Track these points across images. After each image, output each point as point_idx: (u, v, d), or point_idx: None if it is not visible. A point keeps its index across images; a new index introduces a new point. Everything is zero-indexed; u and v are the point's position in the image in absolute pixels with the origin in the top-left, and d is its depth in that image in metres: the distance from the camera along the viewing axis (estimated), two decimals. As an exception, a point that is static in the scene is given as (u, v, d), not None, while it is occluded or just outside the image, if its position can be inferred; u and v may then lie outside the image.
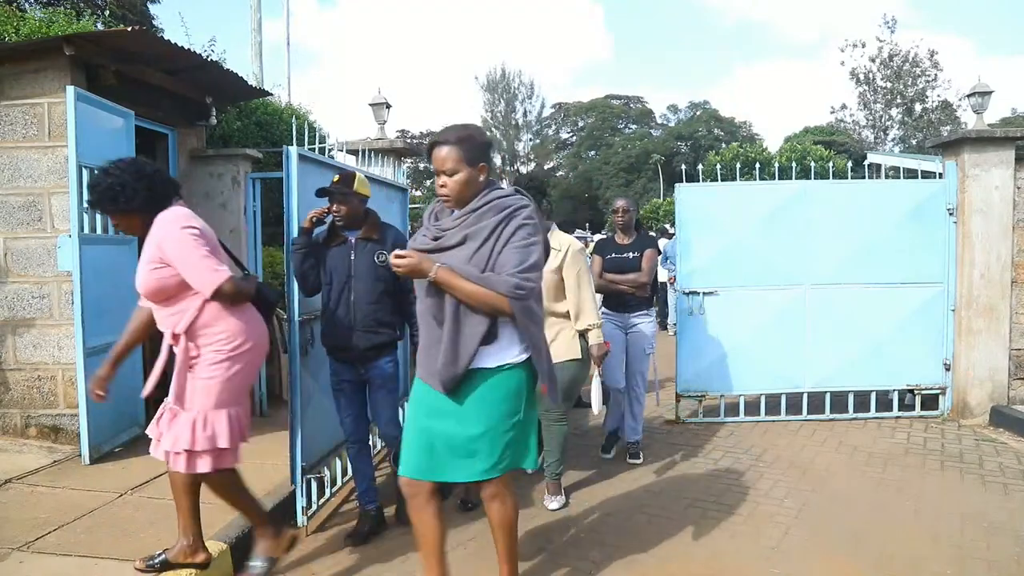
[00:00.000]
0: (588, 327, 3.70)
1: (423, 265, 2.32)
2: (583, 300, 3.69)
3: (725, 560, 3.26)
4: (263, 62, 11.61)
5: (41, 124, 4.36)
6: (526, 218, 2.37)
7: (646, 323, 4.61)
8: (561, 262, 3.65)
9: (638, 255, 4.61)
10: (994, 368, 5.60)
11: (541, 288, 2.43)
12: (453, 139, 2.40)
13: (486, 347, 2.36)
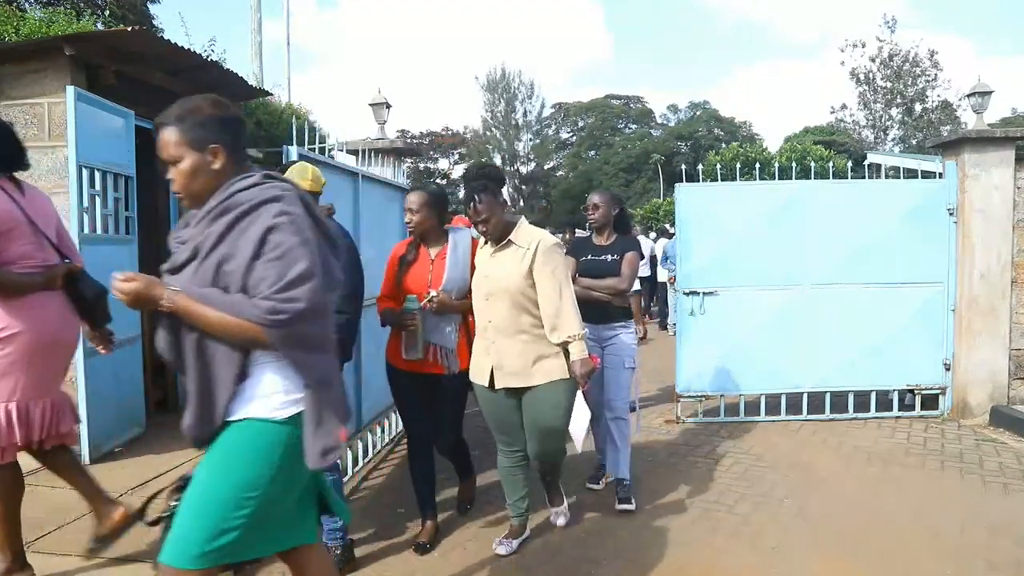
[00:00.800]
0: (569, 339, 2.99)
1: (152, 292, 1.73)
2: (562, 306, 2.99)
3: (725, 560, 3.26)
4: (263, 62, 11.61)
5: (41, 124, 4.36)
6: (278, 215, 1.73)
7: (625, 334, 3.98)
8: (531, 263, 3.01)
9: (617, 258, 3.98)
10: (994, 368, 5.60)
11: (322, 305, 1.79)
12: (172, 118, 1.81)
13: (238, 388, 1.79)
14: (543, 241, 3.06)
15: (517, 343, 3.04)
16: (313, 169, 3.19)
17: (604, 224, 4.08)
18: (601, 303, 3.91)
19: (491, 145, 50.38)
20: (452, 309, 3.27)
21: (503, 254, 3.10)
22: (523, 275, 3.01)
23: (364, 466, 4.46)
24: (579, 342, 3.00)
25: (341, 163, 4.53)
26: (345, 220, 4.28)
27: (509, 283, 3.01)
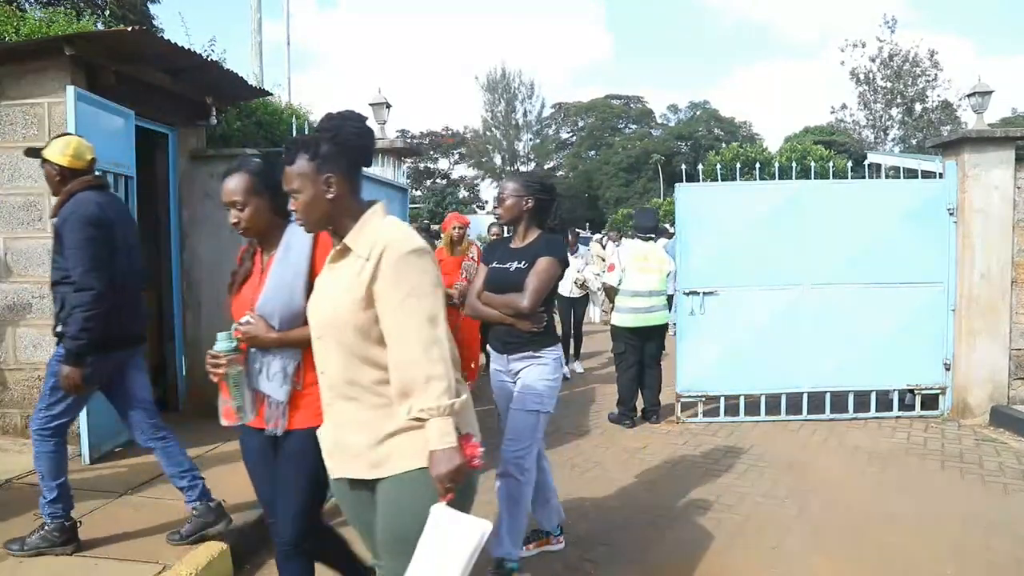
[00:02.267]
0: (423, 414, 1.72)
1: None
2: (416, 357, 1.72)
3: (725, 560, 3.26)
4: (263, 62, 11.61)
5: (41, 124, 4.35)
6: None
7: (536, 368, 3.02)
8: (368, 284, 1.76)
9: (524, 266, 3.00)
10: (994, 368, 5.60)
11: None
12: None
13: None
14: (391, 247, 1.75)
15: (354, 409, 1.84)
16: (76, 142, 2.97)
17: (514, 220, 3.14)
18: (507, 325, 3.05)
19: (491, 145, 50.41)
20: (269, 343, 2.13)
21: (339, 266, 1.88)
22: (356, 303, 1.77)
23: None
24: (440, 420, 1.70)
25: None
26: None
27: (335, 316, 1.82)
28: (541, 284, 2.98)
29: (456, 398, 1.73)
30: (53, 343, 4.37)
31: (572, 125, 56.22)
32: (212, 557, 2.93)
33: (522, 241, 3.15)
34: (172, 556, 2.92)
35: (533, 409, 3.00)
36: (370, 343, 1.80)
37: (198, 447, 4.48)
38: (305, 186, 1.81)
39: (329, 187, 1.82)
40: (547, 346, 3.08)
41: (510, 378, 3.13)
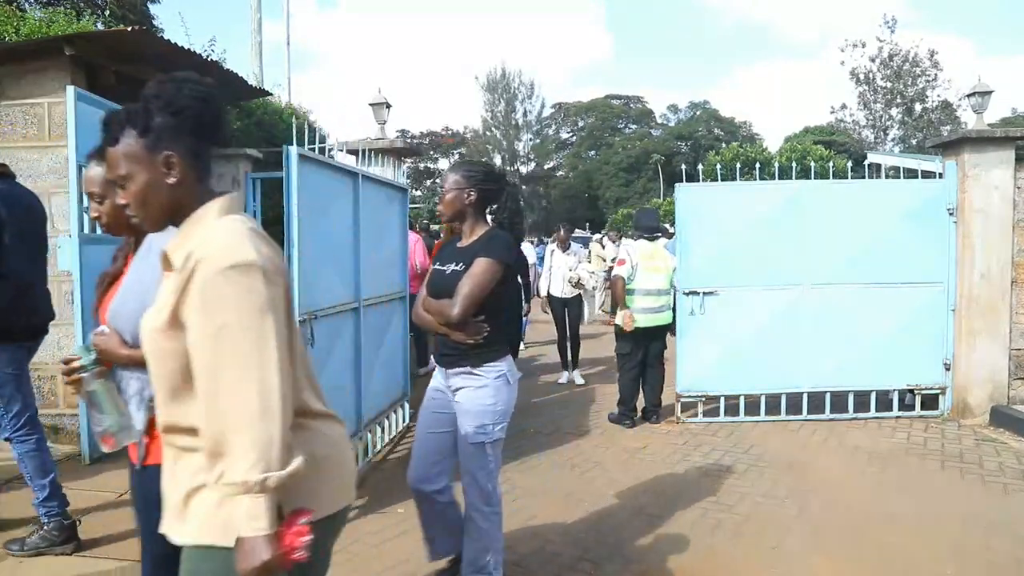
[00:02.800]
0: (230, 486, 1.29)
1: None
2: (222, 407, 1.31)
3: (725, 560, 3.26)
4: (263, 62, 11.61)
5: (41, 124, 4.36)
6: None
7: (475, 390, 2.67)
8: (176, 299, 1.37)
9: (462, 268, 2.65)
10: (994, 368, 5.60)
11: None
12: None
13: None
14: (206, 260, 1.34)
15: (171, 454, 1.49)
16: None
17: (456, 216, 2.78)
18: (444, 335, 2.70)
19: (491, 145, 50.39)
20: (120, 359, 1.76)
21: (168, 277, 1.44)
22: (164, 326, 1.40)
23: (365, 466, 4.46)
24: (250, 498, 1.27)
25: (341, 163, 4.53)
26: (345, 220, 4.29)
27: (150, 339, 1.45)
28: (473, 289, 2.57)
29: (277, 470, 1.27)
30: (53, 343, 4.40)
31: (572, 125, 56.22)
32: (212, 557, 2.92)
33: (468, 239, 2.77)
34: (172, 556, 2.92)
35: (477, 442, 2.67)
36: (175, 372, 1.40)
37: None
38: (136, 170, 1.41)
39: (169, 169, 1.41)
40: (488, 361, 2.66)
41: (448, 394, 2.78)
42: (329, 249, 3.98)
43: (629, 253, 5.65)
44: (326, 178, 3.99)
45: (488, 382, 2.67)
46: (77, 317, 4.10)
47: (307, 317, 3.59)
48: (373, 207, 4.75)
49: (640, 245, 5.71)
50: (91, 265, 4.18)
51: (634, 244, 5.76)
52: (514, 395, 2.80)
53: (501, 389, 2.69)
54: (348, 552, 3.30)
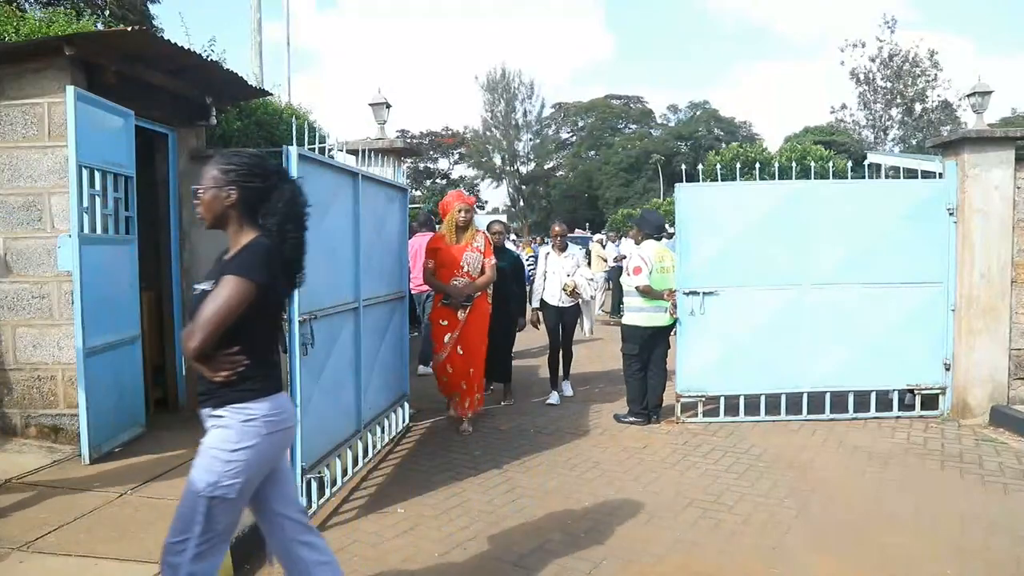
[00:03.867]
0: None
1: None
2: None
3: (725, 560, 3.26)
4: (263, 62, 11.60)
5: (41, 124, 4.36)
6: None
7: (213, 431, 2.19)
8: None
9: (209, 288, 2.16)
10: (994, 368, 5.60)
11: None
12: None
13: None
14: None
15: None
16: None
17: (218, 221, 2.26)
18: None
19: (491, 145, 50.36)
20: None
21: None
22: None
23: (364, 466, 4.46)
24: None
25: (341, 163, 4.53)
26: (345, 220, 4.29)
27: None
28: (213, 315, 2.06)
29: None
30: (53, 343, 4.40)
31: (572, 125, 56.18)
32: (212, 557, 2.92)
33: (232, 250, 2.24)
34: (172, 556, 2.91)
35: (199, 491, 2.13)
36: None
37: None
38: None
39: None
40: (232, 402, 2.15)
41: None
42: (329, 249, 3.98)
43: (643, 258, 5.60)
44: (326, 178, 3.99)
45: (231, 424, 2.14)
46: (77, 317, 4.10)
47: (307, 317, 3.59)
48: (373, 207, 4.75)
49: (650, 246, 5.69)
50: (91, 265, 4.18)
51: (645, 245, 5.71)
52: (275, 449, 2.23)
53: (248, 437, 2.14)
54: (348, 552, 3.31)
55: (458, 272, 5.16)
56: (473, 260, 5.18)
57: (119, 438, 4.44)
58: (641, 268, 5.56)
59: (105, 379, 4.32)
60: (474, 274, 5.21)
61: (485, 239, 5.36)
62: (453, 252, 5.18)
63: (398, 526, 3.61)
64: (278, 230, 2.20)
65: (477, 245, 5.23)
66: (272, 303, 2.24)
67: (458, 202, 5.26)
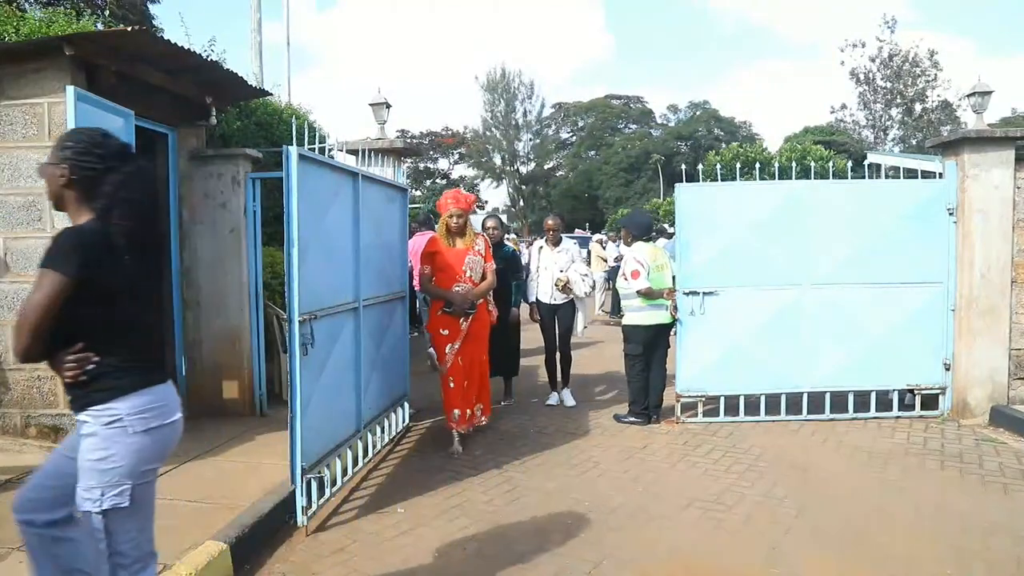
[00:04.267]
0: None
1: None
2: None
3: (725, 560, 3.26)
4: (263, 62, 11.61)
5: (41, 124, 4.36)
6: None
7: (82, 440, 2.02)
8: None
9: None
10: (994, 368, 5.60)
11: None
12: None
13: None
14: None
15: None
16: None
17: (56, 204, 2.12)
18: None
19: (491, 145, 50.38)
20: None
21: None
22: None
23: (364, 466, 4.46)
24: None
25: (341, 163, 4.53)
26: (345, 220, 4.29)
27: None
28: (28, 313, 1.89)
29: None
30: (53, 343, 4.40)
31: (572, 125, 56.18)
32: (212, 557, 2.93)
33: None
34: (172, 556, 2.92)
35: (84, 509, 1.99)
36: None
37: (198, 447, 4.49)
38: None
39: None
40: (91, 404, 1.99)
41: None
42: (329, 249, 3.98)
43: (639, 260, 5.59)
44: (326, 178, 3.99)
45: (96, 430, 1.98)
46: (77, 317, 4.09)
47: (307, 317, 3.59)
48: (373, 207, 4.74)
49: (642, 247, 5.68)
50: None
51: (637, 247, 5.71)
52: (159, 447, 2.11)
53: (115, 441, 1.98)
54: (348, 552, 3.31)
55: (460, 278, 4.83)
56: (475, 264, 4.89)
57: (119, 438, 4.44)
58: (639, 271, 5.54)
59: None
60: (476, 279, 4.91)
61: (485, 242, 5.10)
62: (453, 256, 4.85)
63: (398, 526, 3.61)
64: (102, 215, 2.00)
65: (478, 249, 4.94)
66: (114, 291, 2.00)
67: (452, 206, 4.87)
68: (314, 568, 3.19)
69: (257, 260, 5.60)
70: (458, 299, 4.78)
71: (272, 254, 5.93)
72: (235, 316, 5.49)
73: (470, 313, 4.86)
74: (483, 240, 5.10)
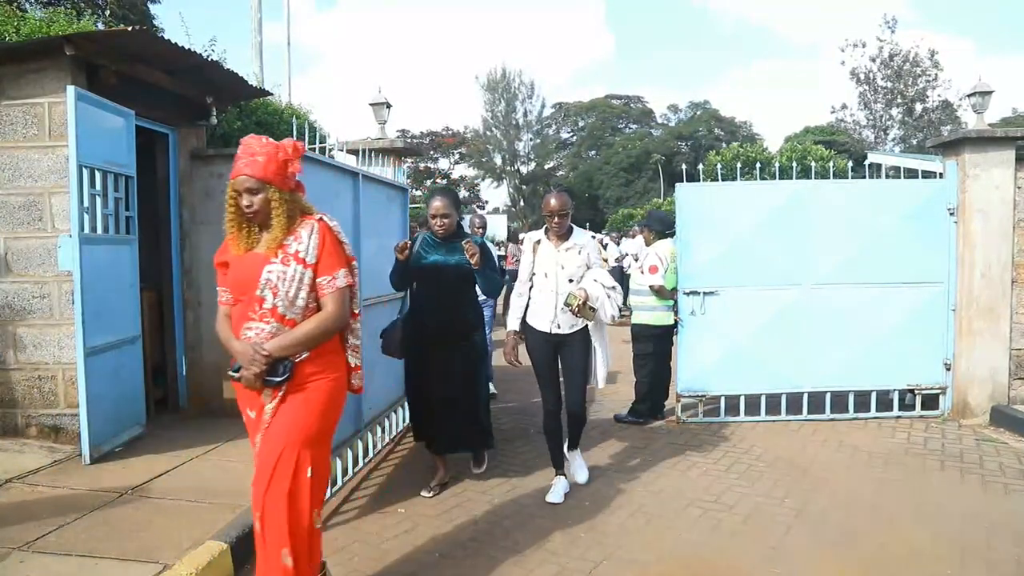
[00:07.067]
0: None
1: None
2: None
3: (725, 560, 3.26)
4: (263, 62, 11.60)
5: (41, 124, 4.36)
6: None
7: None
8: None
9: None
10: (994, 368, 5.60)
11: None
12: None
13: None
14: None
15: None
16: None
17: None
18: None
19: (491, 145, 50.35)
20: None
21: None
22: None
23: (364, 466, 4.46)
24: None
25: (341, 163, 4.53)
26: (345, 220, 4.29)
27: None
28: None
29: None
30: (53, 343, 4.40)
31: (572, 125, 56.14)
32: (212, 557, 2.93)
33: None
34: (172, 556, 2.92)
35: None
36: None
37: (198, 447, 4.49)
38: None
39: None
40: None
41: None
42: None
43: (660, 256, 5.62)
44: (326, 178, 3.99)
45: None
46: (78, 317, 4.10)
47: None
48: (373, 207, 4.75)
49: (665, 245, 5.71)
50: (91, 265, 4.18)
51: (660, 244, 5.72)
52: None
53: None
54: (348, 552, 3.31)
55: (254, 309, 2.43)
56: (287, 280, 2.43)
57: (119, 438, 4.44)
58: (657, 267, 5.57)
59: (105, 379, 4.32)
60: (291, 312, 2.44)
61: (323, 231, 2.51)
62: (244, 268, 2.50)
63: (398, 526, 3.61)
64: None
65: (298, 248, 2.45)
66: None
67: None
68: (314, 568, 3.19)
69: (257, 260, 5.58)
70: (241, 357, 2.41)
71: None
72: (235, 316, 5.48)
73: (272, 384, 2.40)
74: (317, 227, 2.50)
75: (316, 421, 2.48)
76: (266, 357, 2.37)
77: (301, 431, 2.44)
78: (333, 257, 2.52)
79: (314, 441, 2.48)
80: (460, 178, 50.31)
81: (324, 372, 2.54)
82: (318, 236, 2.50)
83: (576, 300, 3.69)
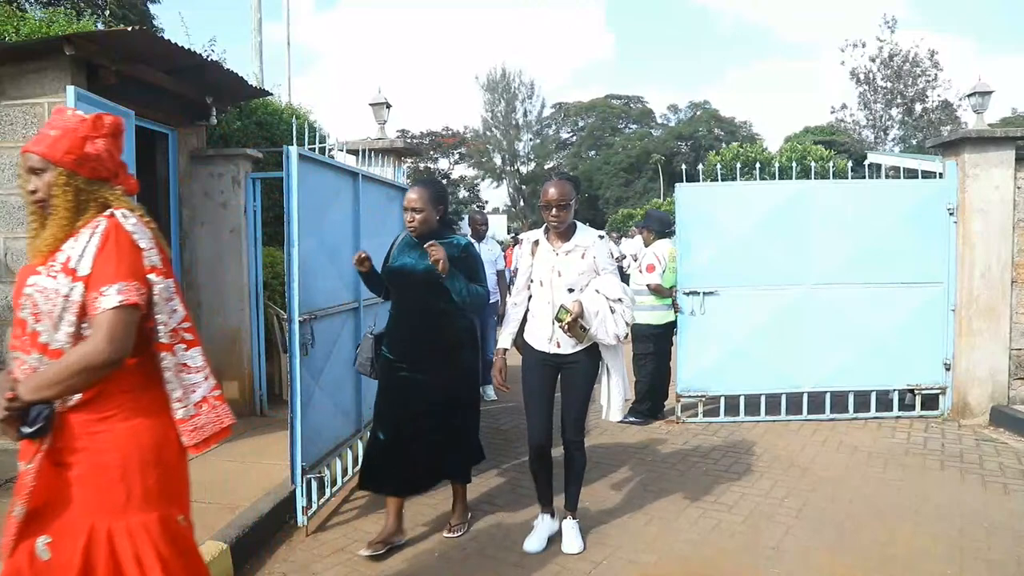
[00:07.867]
0: None
1: None
2: None
3: (725, 560, 3.26)
4: (263, 62, 11.61)
5: (41, 124, 4.35)
6: None
7: None
8: None
9: None
10: (994, 368, 5.60)
11: None
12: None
13: None
14: None
15: None
16: None
17: None
18: None
19: (491, 145, 50.37)
20: None
21: None
22: None
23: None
24: None
25: (341, 163, 4.53)
26: (345, 220, 4.29)
27: None
28: None
29: None
30: (53, 343, 4.39)
31: (572, 125, 56.15)
32: (212, 557, 2.93)
33: None
34: (172, 556, 2.92)
35: None
36: None
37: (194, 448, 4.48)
38: None
39: None
40: None
41: None
42: (329, 249, 3.98)
43: (658, 256, 5.64)
44: (326, 178, 3.99)
45: None
46: (77, 317, 4.09)
47: (307, 317, 3.59)
48: (373, 207, 4.74)
49: (663, 245, 5.73)
50: (91, 265, 4.17)
51: (658, 244, 5.74)
52: None
53: None
54: (348, 552, 3.31)
55: (17, 335, 1.85)
56: (46, 296, 1.82)
57: (119, 438, 4.44)
58: (655, 266, 5.60)
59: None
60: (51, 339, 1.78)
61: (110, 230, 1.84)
62: (19, 278, 2.01)
63: (398, 526, 3.61)
64: None
65: (70, 255, 1.82)
66: None
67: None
68: (314, 568, 3.19)
69: (257, 260, 5.60)
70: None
71: (272, 254, 5.93)
72: (235, 316, 5.49)
73: (24, 436, 1.67)
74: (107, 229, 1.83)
75: (117, 484, 1.70)
76: (10, 400, 1.63)
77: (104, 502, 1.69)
78: (111, 265, 1.75)
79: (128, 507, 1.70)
80: (460, 178, 50.29)
81: (114, 418, 1.74)
82: (100, 237, 1.78)
83: (568, 316, 3.08)
